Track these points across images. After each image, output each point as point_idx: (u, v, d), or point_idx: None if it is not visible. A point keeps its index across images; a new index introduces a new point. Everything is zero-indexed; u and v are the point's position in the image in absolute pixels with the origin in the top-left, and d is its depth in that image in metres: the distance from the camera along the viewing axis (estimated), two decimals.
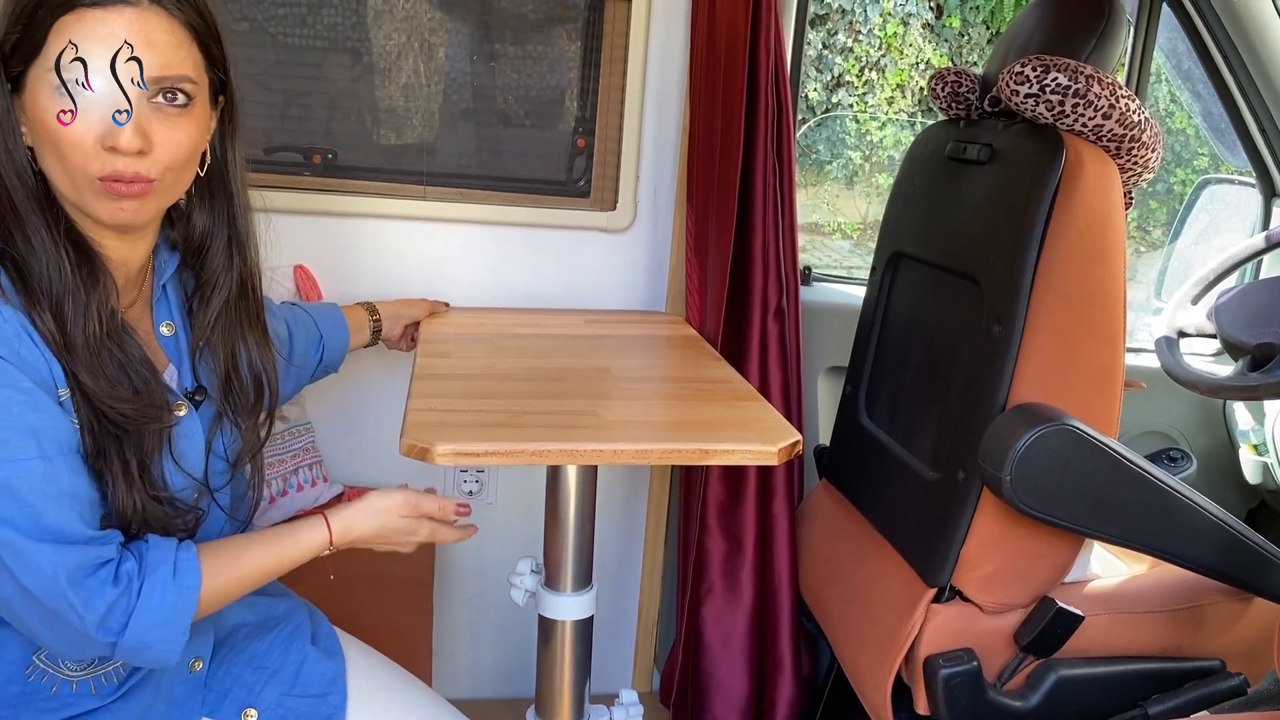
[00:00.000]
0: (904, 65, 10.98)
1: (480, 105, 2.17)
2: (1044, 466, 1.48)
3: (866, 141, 11.16)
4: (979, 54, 10.95)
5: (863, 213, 11.39)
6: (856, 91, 11.00)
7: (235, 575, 1.17)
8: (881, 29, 10.81)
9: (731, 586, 2.06)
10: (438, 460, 1.26)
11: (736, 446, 1.31)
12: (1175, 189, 9.92)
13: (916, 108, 11.13)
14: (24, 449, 1.04)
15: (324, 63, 2.10)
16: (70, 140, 1.08)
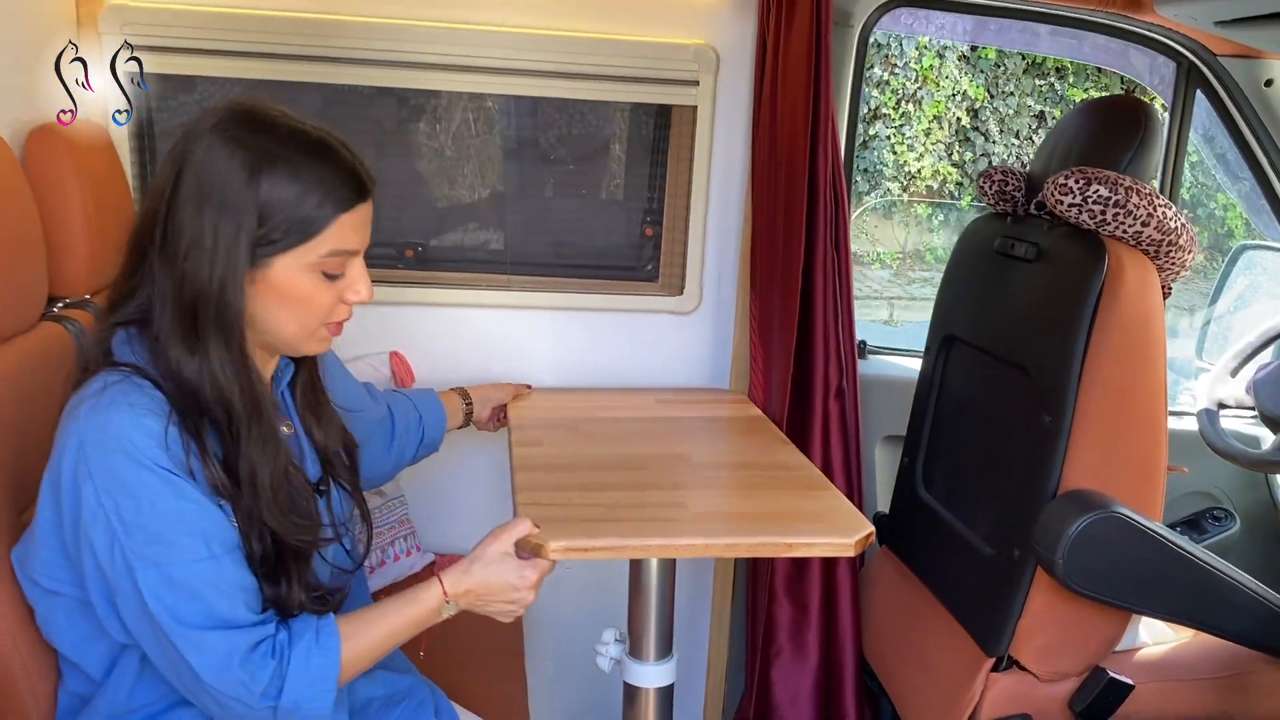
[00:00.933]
0: (940, 97, 11.09)
1: (557, 200, 2.35)
2: (1094, 550, 1.61)
3: (904, 172, 11.28)
4: (1015, 83, 11.04)
5: (901, 241, 11.50)
6: (893, 123, 11.13)
7: (369, 637, 1.33)
8: (917, 62, 10.94)
9: (798, 649, 2.20)
10: (551, 555, 1.42)
11: (816, 540, 1.47)
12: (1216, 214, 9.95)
13: (954, 138, 11.24)
14: (195, 551, 1.21)
15: (415, 166, 2.29)
16: (323, 302, 1.30)
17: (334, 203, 1.26)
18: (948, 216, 11.49)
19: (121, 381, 1.22)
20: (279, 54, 2.07)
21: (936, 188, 11.45)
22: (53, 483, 1.22)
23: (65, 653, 1.33)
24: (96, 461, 1.18)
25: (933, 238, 11.50)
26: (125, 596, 1.21)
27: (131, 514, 1.18)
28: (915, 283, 10.95)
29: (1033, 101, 11.09)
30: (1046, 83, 11.07)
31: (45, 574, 1.27)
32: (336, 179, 1.26)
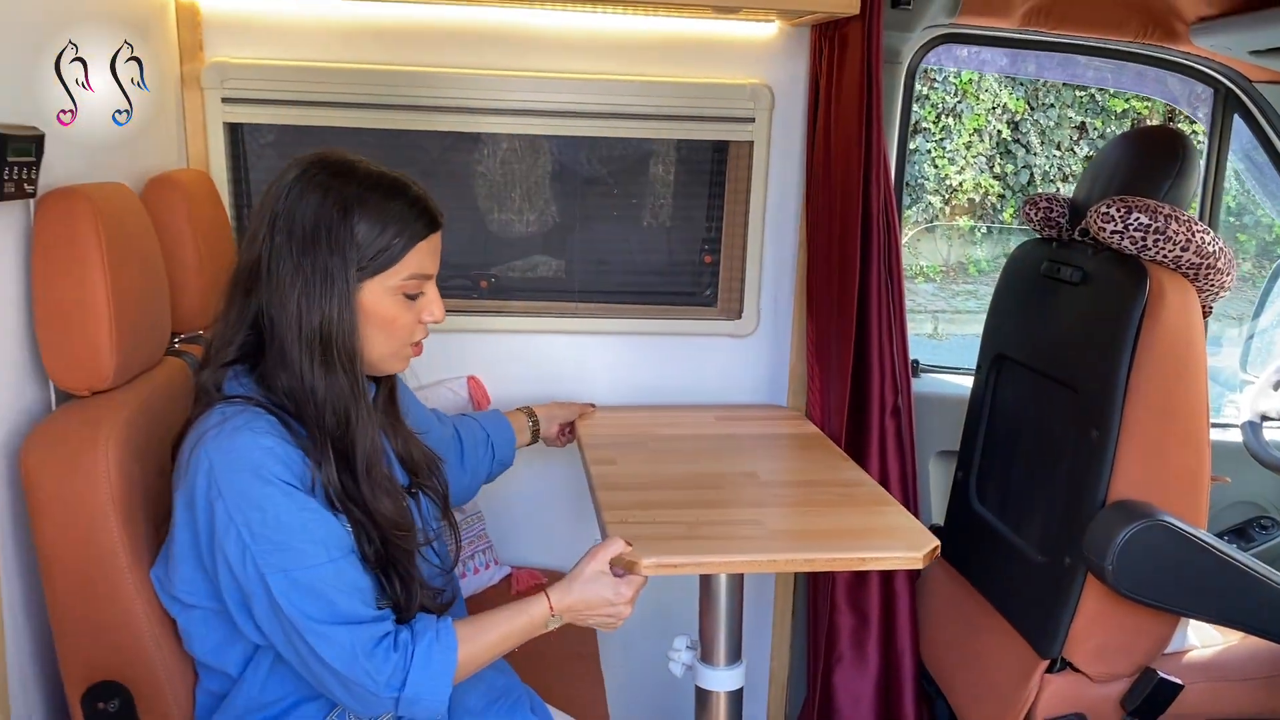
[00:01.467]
0: (980, 110, 11.13)
1: (619, 231, 2.49)
2: (1141, 557, 1.71)
3: (945, 185, 11.33)
4: (1055, 95, 11.06)
5: (944, 255, 11.54)
6: (934, 137, 11.19)
7: (483, 641, 1.48)
8: (957, 76, 10.99)
9: (859, 655, 2.31)
10: (644, 572, 1.55)
11: (887, 554, 1.60)
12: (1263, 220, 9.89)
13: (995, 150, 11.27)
14: (316, 556, 1.36)
15: (486, 204, 2.44)
16: (406, 323, 1.48)
17: (411, 233, 1.45)
18: (990, 229, 11.50)
19: (240, 411, 1.38)
20: (359, 103, 2.24)
21: (978, 200, 11.47)
22: (187, 505, 1.38)
23: (203, 659, 1.48)
24: (225, 481, 1.34)
25: (975, 250, 11.53)
26: (258, 600, 1.36)
27: (259, 525, 1.34)
28: (959, 295, 10.98)
29: (1073, 113, 11.10)
30: (1087, 94, 11.07)
31: (184, 590, 1.43)
32: (412, 213, 1.45)
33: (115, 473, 1.41)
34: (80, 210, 1.45)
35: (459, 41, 2.25)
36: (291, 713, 1.47)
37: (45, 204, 1.46)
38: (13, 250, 1.46)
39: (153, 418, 1.55)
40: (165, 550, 1.46)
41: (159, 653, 1.47)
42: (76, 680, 1.47)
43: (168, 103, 2.11)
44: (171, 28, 2.12)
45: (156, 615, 1.46)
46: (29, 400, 1.51)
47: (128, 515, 1.43)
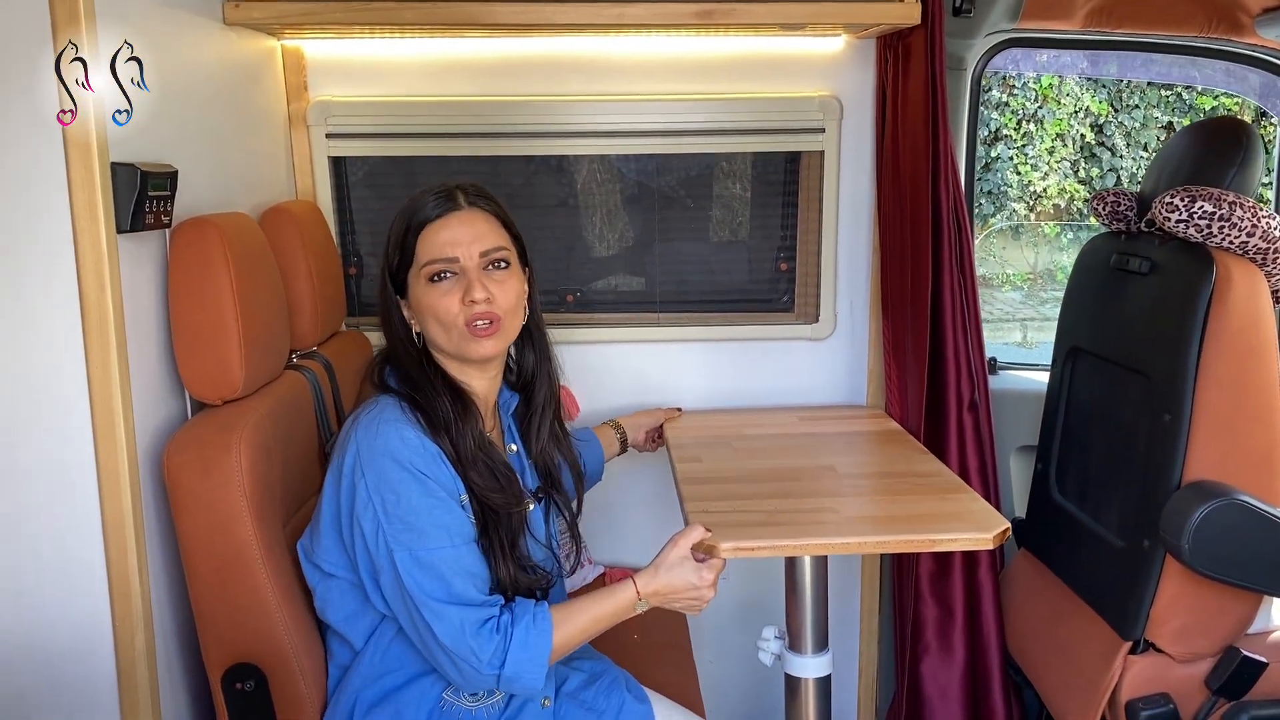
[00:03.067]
0: (1062, 115, 10.99)
1: (697, 242, 2.61)
2: (1217, 535, 1.75)
3: (1029, 192, 11.19)
4: (1140, 96, 10.86)
5: (1031, 262, 11.38)
6: (1015, 144, 11.07)
7: (575, 623, 1.59)
8: (1036, 81, 10.88)
9: (945, 647, 2.36)
10: (723, 554, 1.65)
11: (958, 535, 1.67)
12: None
13: (1079, 155, 11.11)
14: (440, 540, 1.51)
15: (571, 223, 2.57)
16: (445, 306, 1.59)
17: (419, 222, 1.61)
18: (1077, 234, 11.31)
19: (392, 404, 1.57)
20: (450, 133, 2.40)
21: (1064, 206, 11.30)
22: (334, 481, 1.56)
23: (336, 626, 1.64)
24: (369, 464, 1.51)
25: (1062, 256, 11.34)
26: (386, 574, 1.52)
27: (394, 506, 1.50)
28: (1048, 303, 10.81)
29: (1159, 113, 10.88)
30: (1174, 93, 10.84)
31: (325, 559, 1.59)
32: (422, 201, 1.62)
33: (247, 472, 1.57)
34: (211, 237, 1.62)
35: (541, 71, 2.39)
36: (410, 685, 1.61)
37: (180, 232, 1.63)
38: (152, 275, 1.63)
39: (277, 424, 1.70)
40: (313, 522, 1.63)
41: (289, 637, 1.61)
42: (216, 663, 1.62)
43: (277, 140, 2.29)
44: (279, 70, 2.30)
45: (286, 601, 1.61)
46: (169, 410, 1.68)
47: (259, 511, 1.58)
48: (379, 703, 1.62)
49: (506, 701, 1.63)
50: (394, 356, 1.66)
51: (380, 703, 1.62)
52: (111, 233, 1.47)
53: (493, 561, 1.58)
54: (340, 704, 1.64)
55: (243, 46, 2.09)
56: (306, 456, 1.85)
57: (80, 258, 1.45)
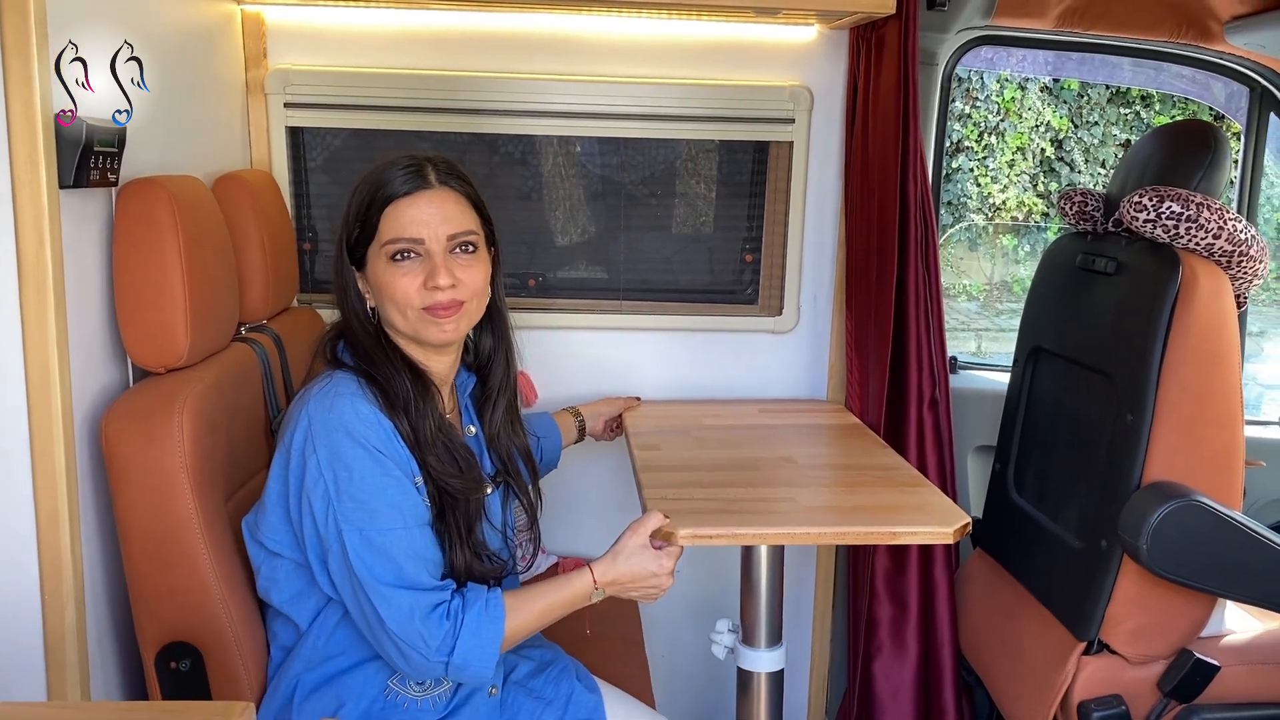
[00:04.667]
0: (1023, 128, 11.11)
1: (662, 230, 2.57)
2: (1176, 537, 1.74)
3: (989, 204, 11.30)
4: (1099, 113, 11.01)
5: (988, 274, 11.49)
6: (976, 156, 11.17)
7: (529, 611, 1.54)
8: (999, 94, 10.98)
9: (898, 645, 2.35)
10: (680, 541, 1.61)
11: (918, 529, 1.64)
12: None
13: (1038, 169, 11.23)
14: (392, 521, 1.45)
15: (536, 205, 2.53)
16: (404, 288, 1.52)
17: (384, 197, 1.52)
18: (1034, 247, 11.45)
19: (347, 378, 1.50)
20: (413, 107, 2.34)
21: (1022, 219, 11.43)
22: (283, 457, 1.49)
23: (280, 606, 1.57)
24: (321, 438, 1.45)
25: (1019, 269, 11.47)
26: (334, 555, 1.45)
27: (345, 483, 1.44)
28: (1003, 314, 10.92)
29: (1118, 130, 11.04)
30: (1132, 111, 11.00)
31: (271, 538, 1.53)
32: (390, 173, 1.54)
33: (190, 443, 1.50)
34: (159, 197, 1.55)
35: (509, 47, 2.34)
36: (354, 671, 1.55)
37: (126, 192, 1.56)
38: (96, 236, 1.56)
39: (223, 395, 1.64)
40: (260, 500, 1.56)
41: (227, 615, 1.55)
42: (150, 641, 1.56)
43: (233, 107, 2.22)
44: (237, 36, 2.23)
45: (226, 578, 1.55)
46: (109, 377, 1.61)
47: (201, 483, 1.52)
48: (320, 688, 1.56)
49: (454, 691, 1.58)
50: (349, 331, 1.58)
51: (321, 688, 1.56)
52: (53, 188, 1.40)
53: (447, 547, 1.52)
54: (280, 687, 1.58)
55: (200, 8, 2.02)
56: (252, 431, 1.78)
57: (19, 213, 1.38)
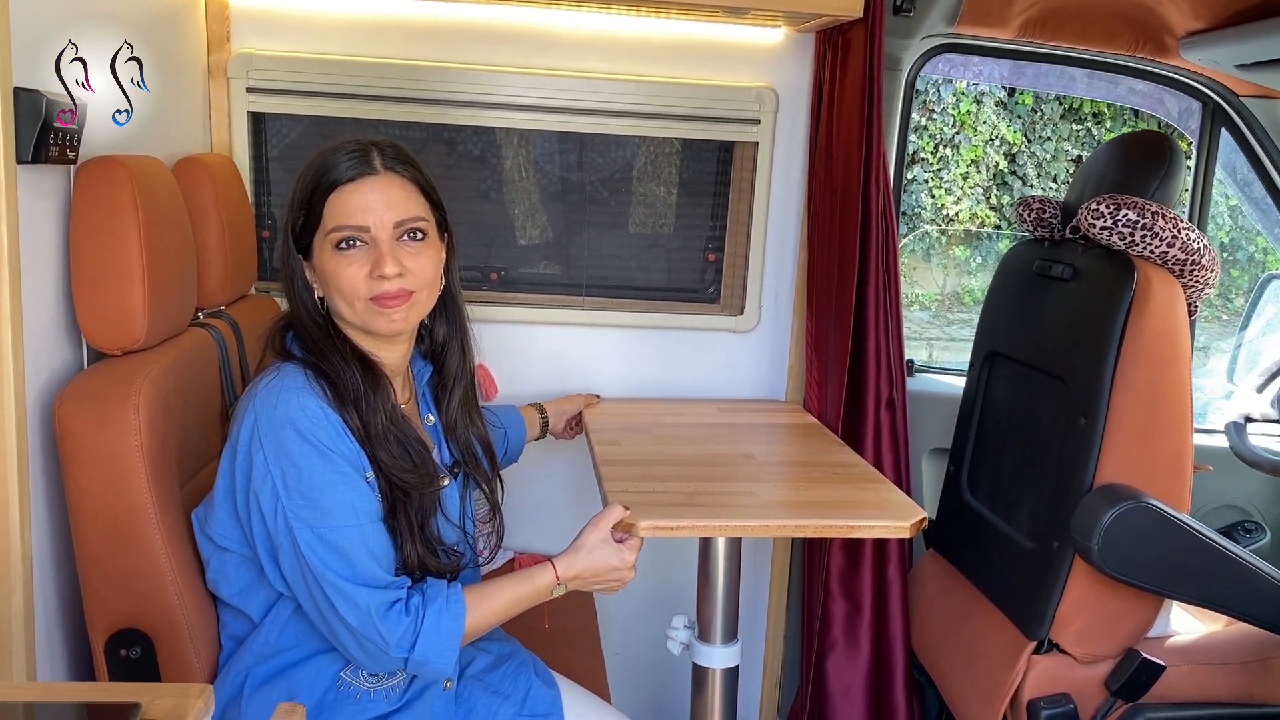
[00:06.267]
0: (978, 142, 11.26)
1: (627, 228, 2.57)
2: (1126, 538, 1.78)
3: (942, 215, 11.44)
4: (1052, 129, 11.19)
5: (940, 284, 11.63)
6: (931, 167, 11.31)
7: (490, 606, 1.53)
8: (955, 107, 11.13)
9: (851, 643, 2.37)
10: (642, 533, 1.61)
11: (876, 522, 1.66)
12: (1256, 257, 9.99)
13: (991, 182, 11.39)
14: (344, 518, 1.43)
15: (497, 198, 2.52)
16: (350, 277, 1.48)
17: (327, 184, 1.48)
18: (986, 259, 11.61)
19: (295, 371, 1.46)
20: (377, 96, 2.32)
21: (975, 231, 11.58)
22: (230, 452, 1.45)
23: (229, 600, 1.55)
24: (268, 434, 1.41)
25: (971, 280, 11.62)
26: (285, 551, 1.43)
27: (294, 480, 1.41)
28: (954, 324, 11.05)
29: (1070, 146, 11.23)
30: (1084, 128, 11.20)
31: (219, 532, 1.50)
32: (334, 159, 1.49)
33: (145, 426, 1.48)
34: (119, 176, 1.52)
35: (477, 39, 2.33)
36: (306, 663, 1.53)
37: (85, 170, 1.53)
38: (52, 213, 1.53)
39: (180, 378, 1.61)
40: (210, 494, 1.52)
41: (180, 602, 1.52)
42: (100, 628, 1.53)
43: (194, 90, 2.19)
44: (200, 18, 2.20)
45: (180, 565, 1.52)
46: (63, 359, 1.58)
47: (156, 468, 1.49)
48: (271, 679, 1.53)
49: (408, 683, 1.56)
50: (297, 321, 1.54)
51: (272, 679, 1.53)
52: (10, 161, 1.37)
53: (399, 542, 1.49)
54: (229, 678, 1.55)
55: None
56: (208, 417, 1.76)
57: None
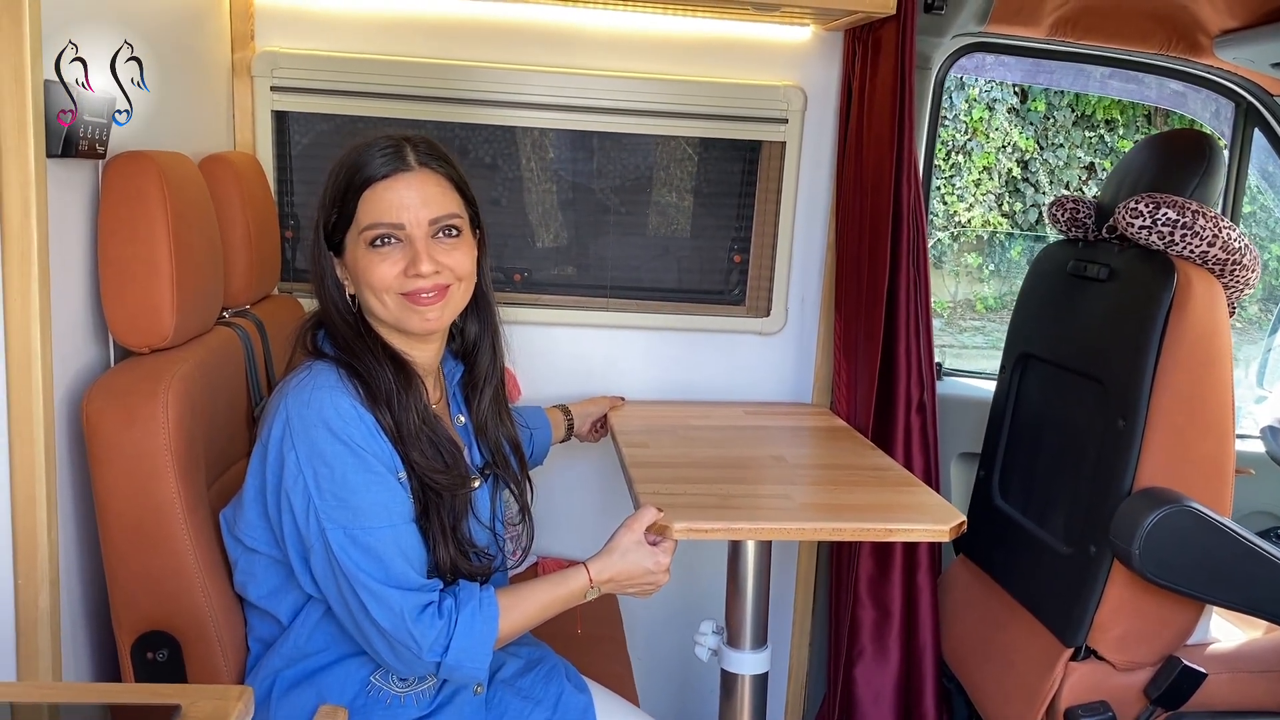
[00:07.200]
0: (990, 149, 11.23)
1: (652, 229, 2.54)
2: (1168, 542, 1.74)
3: (954, 222, 11.41)
4: (1064, 135, 11.16)
5: (952, 291, 11.59)
6: (943, 174, 11.28)
7: (523, 610, 1.50)
8: (967, 114, 11.10)
9: (880, 650, 2.33)
10: (676, 535, 1.58)
11: (914, 526, 1.62)
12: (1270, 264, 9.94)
13: (1004, 189, 11.35)
14: (378, 519, 1.40)
15: (519, 198, 2.49)
16: (383, 275, 1.46)
17: (361, 181, 1.45)
18: (998, 266, 11.57)
19: (328, 369, 1.43)
20: (402, 95, 2.30)
21: (987, 238, 11.55)
22: (261, 452, 1.43)
23: (257, 602, 1.52)
24: (300, 434, 1.38)
25: (983, 287, 11.59)
26: (317, 553, 1.40)
27: (326, 481, 1.38)
28: (967, 331, 11.02)
29: (1083, 153, 11.20)
30: (1096, 134, 11.18)
31: (248, 534, 1.47)
32: (367, 155, 1.46)
33: (174, 425, 1.45)
34: (148, 171, 1.50)
35: (503, 38, 2.31)
36: (335, 666, 1.50)
37: (114, 165, 1.51)
38: (81, 208, 1.51)
39: (208, 377, 1.59)
40: (239, 495, 1.50)
41: (209, 604, 1.50)
42: (127, 630, 1.50)
43: (218, 89, 2.17)
44: (225, 16, 2.18)
45: (208, 566, 1.50)
46: (90, 356, 1.55)
47: (184, 467, 1.47)
48: (299, 684, 1.50)
49: (438, 687, 1.53)
50: (328, 320, 1.52)
51: (300, 684, 1.50)
52: (41, 155, 1.35)
53: (432, 545, 1.46)
54: (257, 682, 1.52)
55: None
56: (235, 417, 1.73)
57: (4, 180, 1.33)
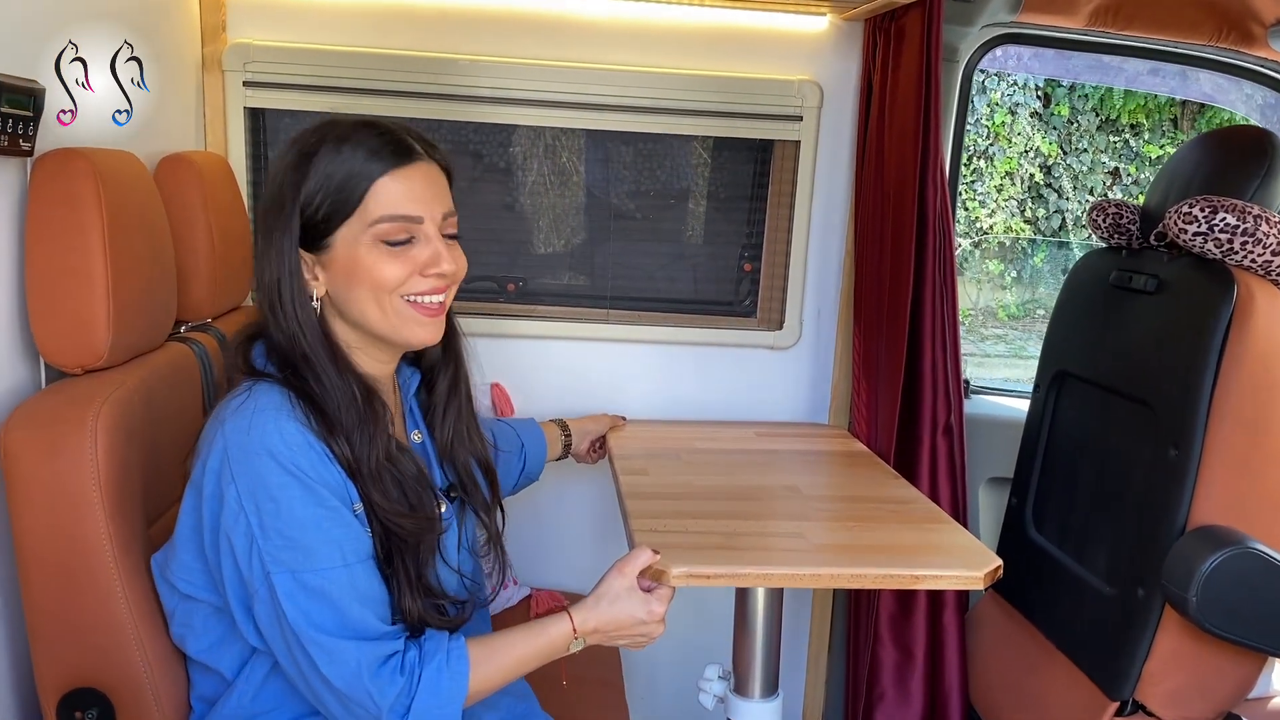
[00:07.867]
0: (1013, 153, 11.03)
1: (656, 235, 2.36)
2: (1229, 588, 1.55)
3: (976, 228, 11.20)
4: (1089, 140, 10.95)
5: (973, 299, 11.38)
6: (965, 179, 11.08)
7: (497, 664, 1.32)
8: (989, 118, 10.91)
9: (902, 694, 2.14)
10: (674, 582, 1.40)
11: (944, 572, 1.43)
12: None
13: (1026, 194, 11.15)
14: (330, 559, 1.22)
15: (515, 203, 2.32)
16: (390, 277, 1.28)
17: (374, 166, 1.27)
18: (1021, 273, 11.37)
19: (268, 390, 1.25)
20: (387, 90, 2.12)
21: (1009, 244, 11.36)
22: (195, 488, 1.25)
23: (197, 656, 1.34)
24: (240, 465, 1.20)
25: (1005, 295, 11.38)
26: (261, 600, 1.22)
27: (271, 517, 1.20)
28: (989, 339, 10.80)
29: (1107, 158, 11.00)
30: (1121, 139, 10.98)
31: (183, 578, 1.29)
32: (376, 143, 1.28)
33: (104, 457, 1.28)
34: (80, 170, 1.34)
35: (494, 28, 2.14)
36: None
37: (43, 163, 1.35)
38: (6, 212, 1.34)
39: (151, 401, 1.42)
40: (171, 536, 1.32)
41: (143, 658, 1.33)
42: (51, 687, 1.33)
43: (186, 85, 2.01)
44: (194, 7, 2.02)
45: (143, 615, 1.33)
46: (17, 378, 1.39)
47: (117, 505, 1.30)
48: None
49: None
50: (274, 332, 1.30)
51: None
52: None
53: (397, 594, 1.28)
54: None
55: None
56: (183, 444, 1.53)
57: None
